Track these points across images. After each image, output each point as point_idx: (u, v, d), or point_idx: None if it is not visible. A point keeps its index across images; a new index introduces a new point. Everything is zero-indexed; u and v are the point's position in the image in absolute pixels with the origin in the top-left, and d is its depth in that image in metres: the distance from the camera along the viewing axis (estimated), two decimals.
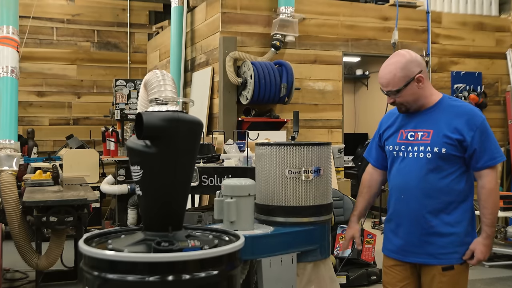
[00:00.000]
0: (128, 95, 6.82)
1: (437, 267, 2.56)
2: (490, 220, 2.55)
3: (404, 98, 2.56)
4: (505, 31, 7.50)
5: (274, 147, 2.60)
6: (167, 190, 2.08)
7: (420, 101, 2.59)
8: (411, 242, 2.60)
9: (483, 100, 7.23)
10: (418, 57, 2.59)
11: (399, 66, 2.54)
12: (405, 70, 2.53)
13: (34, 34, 8.45)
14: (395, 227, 2.68)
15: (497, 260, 6.20)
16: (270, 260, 2.44)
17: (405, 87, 2.53)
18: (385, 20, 6.80)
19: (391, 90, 2.56)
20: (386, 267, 2.76)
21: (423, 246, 2.57)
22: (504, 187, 7.32)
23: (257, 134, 4.31)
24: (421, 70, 2.56)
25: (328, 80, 6.55)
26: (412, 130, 2.62)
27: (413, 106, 2.60)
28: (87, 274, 1.91)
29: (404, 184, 2.61)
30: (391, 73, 2.55)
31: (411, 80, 2.53)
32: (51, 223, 4.09)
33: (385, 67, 2.59)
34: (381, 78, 2.60)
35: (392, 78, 2.54)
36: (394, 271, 2.71)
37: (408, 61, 2.54)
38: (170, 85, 3.28)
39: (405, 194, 2.60)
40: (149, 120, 2.02)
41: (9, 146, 4.82)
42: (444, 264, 2.55)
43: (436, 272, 2.56)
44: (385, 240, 2.76)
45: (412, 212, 2.59)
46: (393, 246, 2.69)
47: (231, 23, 6.11)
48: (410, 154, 2.60)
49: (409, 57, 2.56)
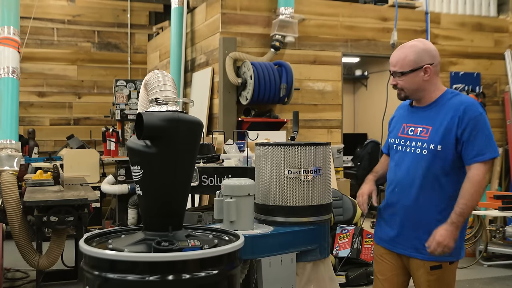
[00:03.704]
0: (128, 95, 6.84)
1: (422, 263, 2.58)
2: (461, 209, 2.46)
3: (406, 83, 2.59)
4: (504, 31, 7.51)
5: (274, 147, 2.61)
6: (167, 190, 2.10)
7: (420, 93, 2.61)
8: (401, 234, 2.65)
9: (482, 101, 7.24)
10: (434, 51, 2.60)
11: (414, 50, 2.57)
12: (417, 56, 2.55)
13: (35, 34, 8.46)
14: (387, 217, 2.73)
15: (495, 259, 6.21)
16: (269, 260, 2.45)
17: (411, 72, 2.56)
18: (384, 20, 6.81)
19: (397, 71, 2.59)
20: (377, 256, 2.80)
21: (411, 239, 2.61)
22: (502, 187, 7.32)
23: (257, 134, 4.32)
24: (433, 63, 2.57)
25: (327, 80, 6.56)
26: (413, 125, 2.66)
27: (413, 95, 2.63)
28: (88, 274, 1.92)
29: (398, 177, 2.66)
30: (404, 54, 2.58)
31: (419, 68, 2.55)
32: (51, 223, 4.11)
33: (400, 47, 2.64)
34: (393, 56, 2.63)
35: (402, 59, 2.57)
36: (384, 260, 2.75)
37: (423, 50, 2.57)
38: (170, 86, 3.28)
39: (399, 188, 2.65)
40: (149, 120, 2.03)
41: (10, 146, 4.83)
42: (429, 261, 2.56)
43: (423, 270, 2.58)
44: (377, 228, 2.82)
45: (403, 205, 2.63)
46: (384, 235, 2.74)
47: (231, 23, 6.13)
48: (408, 149, 2.64)
49: (426, 47, 2.59)
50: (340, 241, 4.98)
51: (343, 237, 4.99)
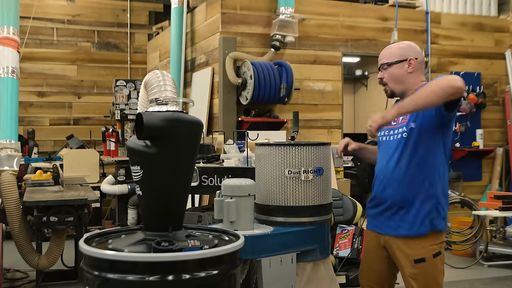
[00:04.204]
0: (128, 95, 6.83)
1: (406, 256, 2.69)
2: (416, 97, 2.50)
3: (391, 76, 2.78)
4: (504, 31, 7.50)
5: (274, 147, 2.61)
6: (167, 190, 2.09)
7: (404, 85, 2.77)
8: (383, 216, 2.79)
9: (482, 101, 7.24)
10: (419, 49, 2.83)
11: (399, 46, 2.83)
12: (402, 50, 2.79)
13: (35, 34, 8.46)
14: (375, 205, 2.86)
15: (496, 260, 6.21)
16: (269, 260, 2.45)
17: (396, 63, 2.77)
18: (385, 20, 6.81)
19: (384, 63, 2.82)
20: (367, 242, 2.97)
21: (387, 220, 2.77)
22: (503, 187, 7.32)
23: (257, 134, 4.32)
24: (417, 58, 2.78)
25: (327, 80, 6.55)
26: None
27: (397, 88, 2.79)
28: (88, 274, 1.92)
29: (384, 164, 2.79)
30: (390, 48, 2.85)
31: (403, 59, 2.76)
32: (51, 223, 4.10)
33: (388, 46, 2.90)
34: (381, 53, 2.88)
35: (389, 52, 2.82)
36: (370, 242, 2.93)
37: (408, 45, 2.82)
38: (170, 85, 3.28)
39: (384, 174, 2.79)
40: (149, 120, 2.03)
41: (10, 146, 4.83)
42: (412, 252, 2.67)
43: (407, 262, 2.68)
44: (368, 218, 2.96)
45: (391, 189, 2.75)
46: (372, 220, 2.90)
47: (231, 23, 6.12)
48: (391, 138, 2.79)
49: (411, 44, 2.83)
50: (340, 241, 4.98)
51: (343, 237, 4.98)
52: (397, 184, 2.72)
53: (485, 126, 7.34)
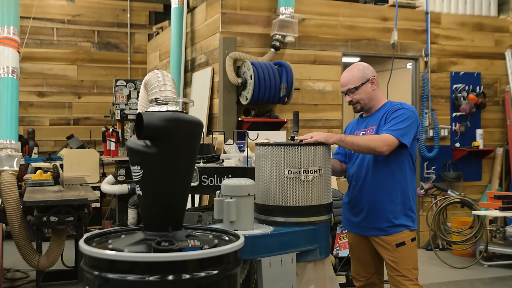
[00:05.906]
0: (128, 95, 6.84)
1: (388, 241, 2.98)
2: (353, 140, 2.86)
3: (360, 96, 3.07)
4: (504, 31, 7.50)
5: (274, 147, 2.61)
6: (167, 190, 2.09)
7: (372, 101, 3.10)
8: (365, 219, 3.05)
9: (482, 101, 7.24)
10: (371, 68, 3.15)
11: (357, 69, 3.10)
12: (362, 72, 3.08)
13: (35, 34, 8.46)
14: (351, 207, 3.14)
15: (496, 260, 6.21)
16: (269, 260, 2.45)
17: (362, 85, 3.06)
18: (385, 20, 6.81)
19: (350, 88, 3.08)
20: (349, 237, 3.23)
21: (373, 222, 3.02)
22: (503, 187, 7.32)
23: (257, 134, 4.32)
24: (375, 76, 3.11)
25: (327, 80, 6.55)
26: (363, 130, 3.11)
27: (367, 104, 3.10)
28: (88, 274, 1.92)
29: (355, 171, 3.08)
30: (351, 73, 3.10)
31: (366, 80, 3.07)
32: (51, 223, 4.11)
33: (345, 72, 3.14)
34: (342, 78, 3.13)
35: (351, 78, 3.08)
36: (352, 238, 3.18)
37: (364, 67, 3.12)
38: (170, 85, 3.29)
39: (356, 181, 3.07)
40: (149, 120, 2.03)
41: (10, 146, 4.83)
42: (393, 236, 2.97)
43: (390, 247, 2.98)
44: (343, 218, 3.24)
45: (362, 194, 3.04)
46: (351, 223, 3.15)
47: (231, 23, 6.12)
48: None
49: (365, 65, 3.14)
50: (340, 241, 4.98)
51: (343, 237, 4.98)
52: (369, 189, 3.00)
53: (485, 126, 7.34)
